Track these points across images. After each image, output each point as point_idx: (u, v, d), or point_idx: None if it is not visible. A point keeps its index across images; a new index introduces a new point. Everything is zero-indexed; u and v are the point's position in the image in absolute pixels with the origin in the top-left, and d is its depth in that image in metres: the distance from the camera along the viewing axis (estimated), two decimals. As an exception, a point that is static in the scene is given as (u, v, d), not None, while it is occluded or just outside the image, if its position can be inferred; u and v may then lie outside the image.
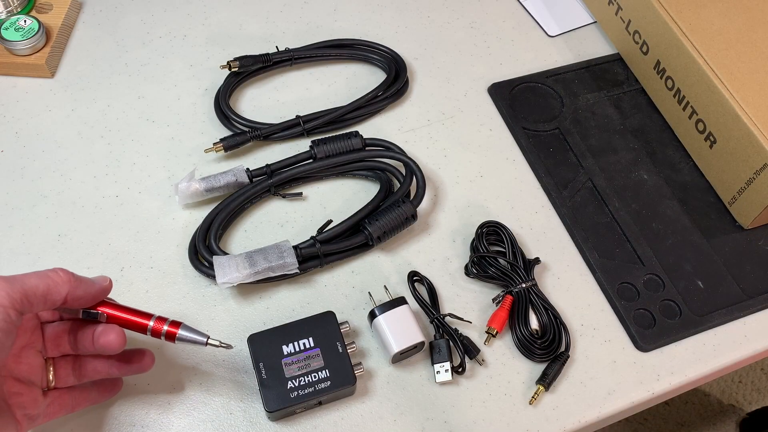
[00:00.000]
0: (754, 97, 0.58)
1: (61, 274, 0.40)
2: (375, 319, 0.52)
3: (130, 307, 0.45)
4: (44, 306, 0.39)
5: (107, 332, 0.42)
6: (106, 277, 0.44)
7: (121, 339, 0.43)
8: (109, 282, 0.43)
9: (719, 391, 1.31)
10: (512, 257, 0.56)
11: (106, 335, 0.42)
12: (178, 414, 0.49)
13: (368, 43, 0.69)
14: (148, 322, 0.44)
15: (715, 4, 0.64)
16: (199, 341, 0.45)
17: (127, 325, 0.44)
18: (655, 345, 0.54)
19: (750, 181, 0.58)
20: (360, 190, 0.61)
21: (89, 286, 0.42)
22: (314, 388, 0.48)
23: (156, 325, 0.44)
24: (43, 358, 0.44)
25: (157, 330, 0.44)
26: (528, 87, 0.69)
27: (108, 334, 0.42)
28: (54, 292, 0.39)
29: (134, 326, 0.44)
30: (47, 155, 0.61)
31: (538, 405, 0.51)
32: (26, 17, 0.65)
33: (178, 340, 0.45)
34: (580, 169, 0.63)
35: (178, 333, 0.45)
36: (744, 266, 0.59)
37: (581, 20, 0.75)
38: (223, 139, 0.61)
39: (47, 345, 0.44)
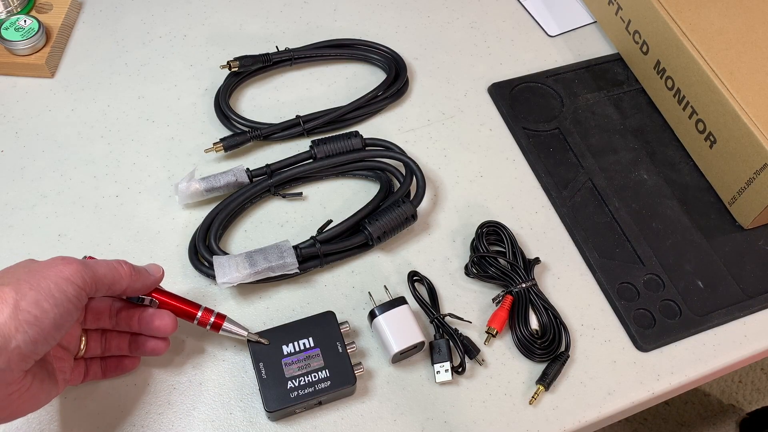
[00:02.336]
0: (754, 97, 0.58)
1: (125, 268, 0.44)
2: (375, 319, 0.52)
3: (177, 295, 0.48)
4: (106, 293, 0.43)
5: (163, 316, 0.46)
6: (159, 267, 0.47)
7: (174, 324, 0.47)
8: (161, 273, 0.47)
9: (719, 391, 1.31)
10: (512, 257, 0.56)
11: (161, 319, 0.46)
12: (178, 414, 0.49)
13: (368, 43, 0.69)
14: (197, 312, 0.48)
15: (715, 4, 0.64)
16: (241, 334, 0.49)
17: (175, 312, 0.48)
18: (655, 345, 0.54)
19: (750, 181, 0.58)
20: (360, 190, 0.61)
21: (146, 278, 0.46)
22: (314, 388, 0.48)
23: (204, 316, 0.48)
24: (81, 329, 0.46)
25: (204, 320, 0.48)
26: (528, 87, 0.69)
27: (164, 318, 0.46)
28: (117, 283, 0.43)
29: (182, 314, 0.48)
30: (47, 155, 0.61)
31: (538, 405, 0.51)
32: (26, 17, 0.65)
33: (222, 330, 0.48)
34: (580, 169, 0.63)
35: (223, 325, 0.48)
36: (744, 266, 0.59)
37: (581, 20, 0.75)
38: (223, 139, 0.61)
39: (87, 317, 0.47)
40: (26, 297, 0.37)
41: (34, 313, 0.37)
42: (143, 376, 0.51)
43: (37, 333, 0.37)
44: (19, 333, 0.36)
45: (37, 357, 0.38)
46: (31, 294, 0.38)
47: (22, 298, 0.37)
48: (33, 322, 0.37)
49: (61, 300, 0.39)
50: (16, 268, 0.41)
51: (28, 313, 0.37)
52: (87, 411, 0.49)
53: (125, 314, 0.47)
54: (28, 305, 0.37)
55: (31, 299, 0.37)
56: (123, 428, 0.48)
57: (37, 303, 0.38)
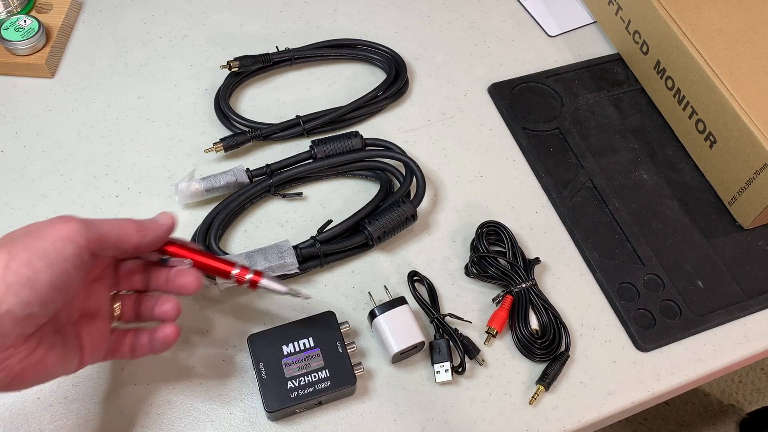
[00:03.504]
0: (754, 97, 0.58)
1: (132, 225, 0.42)
2: (375, 319, 0.52)
3: (214, 255, 0.47)
4: (115, 252, 0.41)
5: (185, 274, 0.45)
6: (169, 214, 0.45)
7: (198, 282, 0.45)
8: (172, 221, 0.44)
9: (719, 391, 1.31)
10: (512, 257, 0.56)
11: (184, 276, 0.44)
12: (178, 414, 0.49)
13: (368, 43, 0.69)
14: (232, 270, 0.46)
15: (715, 4, 0.64)
16: (280, 290, 0.47)
17: (211, 270, 0.46)
18: (655, 345, 0.54)
19: (750, 181, 0.58)
20: (360, 190, 0.61)
21: (155, 230, 0.43)
22: (314, 388, 0.48)
23: (240, 273, 0.46)
24: (110, 293, 0.45)
25: (240, 277, 0.46)
26: (528, 87, 0.69)
27: (185, 276, 0.44)
28: (124, 240, 0.41)
29: (217, 272, 0.46)
30: (47, 155, 0.61)
31: (538, 405, 0.51)
32: (26, 17, 0.65)
33: (259, 287, 0.47)
34: (580, 169, 0.63)
35: (260, 281, 0.47)
36: (744, 266, 0.59)
37: (581, 20, 0.75)
38: (223, 139, 0.61)
39: (120, 280, 0.46)
40: (17, 258, 0.36)
41: (26, 273, 0.36)
42: (143, 376, 0.51)
43: (30, 295, 0.36)
44: (10, 295, 0.35)
45: (38, 321, 0.37)
46: (22, 254, 0.36)
47: (13, 259, 0.36)
48: (25, 284, 0.36)
49: (57, 260, 0.37)
50: (16, 231, 0.39)
51: (18, 274, 0.36)
52: (86, 411, 0.49)
53: (155, 275, 0.46)
54: (19, 266, 0.36)
55: (22, 260, 0.36)
56: (123, 428, 0.48)
57: (29, 263, 0.36)
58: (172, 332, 0.44)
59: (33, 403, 0.49)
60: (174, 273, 0.45)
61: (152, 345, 0.45)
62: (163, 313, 0.45)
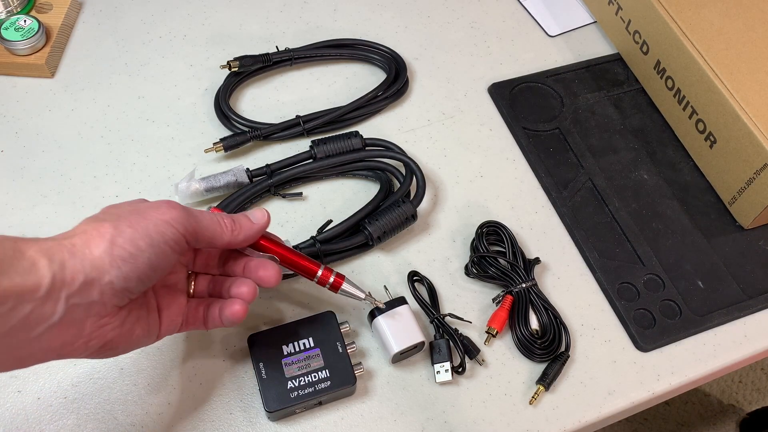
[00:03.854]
0: (754, 97, 0.58)
1: (227, 223, 0.44)
2: (375, 319, 0.52)
3: (299, 252, 0.49)
4: (206, 246, 0.43)
5: (268, 267, 0.46)
6: (264, 212, 0.46)
7: (278, 276, 0.46)
8: (266, 220, 0.46)
9: (719, 391, 1.31)
10: (512, 257, 0.56)
11: (266, 269, 0.46)
12: (178, 414, 0.49)
13: (368, 43, 0.69)
14: (318, 270, 0.48)
15: (715, 4, 0.64)
16: (359, 296, 0.49)
17: (297, 268, 0.48)
18: (655, 345, 0.54)
19: (750, 181, 0.58)
20: (360, 190, 0.61)
21: (247, 230, 0.45)
22: (314, 388, 0.48)
23: (324, 274, 0.48)
24: (188, 271, 0.47)
25: (324, 278, 0.48)
26: (528, 87, 0.69)
27: (267, 269, 0.46)
28: (217, 238, 0.43)
29: (302, 271, 0.48)
30: (47, 155, 0.61)
31: (538, 405, 0.51)
32: (26, 17, 0.65)
33: (341, 291, 0.49)
34: (580, 169, 0.63)
35: (342, 286, 0.49)
36: (744, 266, 0.59)
37: (581, 20, 0.75)
38: (223, 139, 0.61)
39: (197, 262, 0.47)
40: (123, 234, 0.38)
41: (130, 250, 0.38)
42: (143, 376, 0.51)
43: (130, 270, 0.38)
44: (113, 268, 0.37)
45: (132, 295, 0.39)
46: (128, 231, 0.38)
47: (119, 235, 0.38)
48: (127, 259, 0.38)
49: (158, 241, 0.39)
50: (122, 205, 0.41)
51: (123, 249, 0.38)
52: (86, 411, 0.49)
53: (232, 261, 0.47)
54: (125, 242, 0.38)
55: (128, 236, 0.38)
56: (123, 428, 0.48)
57: (133, 241, 0.38)
58: (240, 310, 0.45)
59: (33, 403, 0.49)
60: (255, 264, 0.46)
61: (222, 319, 0.46)
62: (240, 294, 0.46)
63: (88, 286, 0.36)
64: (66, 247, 0.37)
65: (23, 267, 0.34)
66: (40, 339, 0.36)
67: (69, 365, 0.51)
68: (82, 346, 0.38)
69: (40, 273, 0.35)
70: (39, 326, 0.35)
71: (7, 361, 0.36)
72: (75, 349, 0.38)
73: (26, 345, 0.36)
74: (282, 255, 0.47)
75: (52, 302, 0.35)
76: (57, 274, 0.35)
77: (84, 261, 0.36)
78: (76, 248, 0.37)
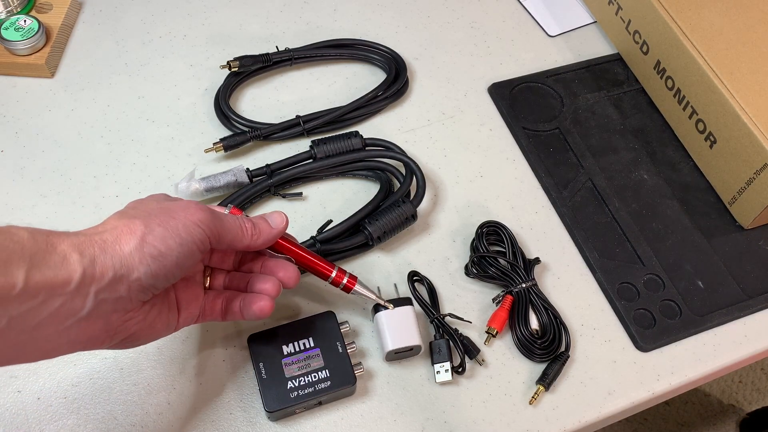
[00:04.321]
0: (754, 97, 0.58)
1: (248, 227, 0.44)
2: (377, 314, 0.52)
3: (313, 252, 0.50)
4: (226, 248, 0.44)
5: (288, 268, 0.47)
6: (283, 216, 0.47)
7: (297, 278, 0.48)
8: (284, 224, 0.47)
9: (719, 391, 1.31)
10: (512, 257, 0.56)
11: (286, 270, 0.47)
12: (178, 414, 0.49)
13: (368, 43, 0.69)
14: (331, 272, 0.49)
15: (715, 4, 0.64)
16: (370, 297, 0.51)
17: (311, 270, 0.49)
18: (655, 345, 0.54)
19: (750, 181, 0.58)
20: (360, 190, 0.61)
21: (267, 234, 0.46)
22: (314, 388, 0.48)
23: (338, 276, 0.49)
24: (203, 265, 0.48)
25: (338, 280, 0.49)
26: (528, 87, 0.69)
27: (287, 270, 0.47)
28: (238, 241, 0.44)
29: (316, 272, 0.49)
30: (47, 155, 0.61)
31: (538, 405, 0.51)
32: (26, 17, 0.65)
33: (352, 292, 0.50)
34: (580, 169, 0.63)
35: (354, 287, 0.50)
36: (744, 266, 0.59)
37: (581, 20, 0.75)
38: (223, 139, 0.61)
39: (213, 258, 0.48)
40: (154, 232, 0.39)
41: (160, 248, 0.38)
42: (143, 376, 0.51)
43: (159, 268, 0.39)
44: (142, 265, 0.38)
45: (156, 291, 0.40)
46: (159, 230, 0.39)
47: (150, 233, 0.38)
48: (157, 257, 0.38)
49: (187, 241, 0.40)
50: (149, 201, 0.42)
51: (153, 247, 0.38)
52: (86, 411, 0.49)
53: (251, 256, 0.48)
54: (155, 240, 0.38)
55: (159, 235, 0.39)
56: (123, 428, 0.48)
57: (163, 239, 0.39)
58: (267, 306, 0.46)
59: (33, 403, 0.49)
60: (274, 265, 0.47)
61: (244, 313, 0.46)
62: (264, 289, 0.46)
63: (117, 281, 0.37)
64: (97, 242, 0.37)
65: (55, 261, 0.35)
66: (67, 332, 0.36)
67: (69, 365, 0.51)
68: (107, 339, 0.39)
69: (71, 267, 0.35)
70: (68, 320, 0.36)
71: (34, 353, 0.37)
72: (100, 341, 0.39)
73: (54, 338, 0.36)
74: (298, 256, 0.49)
75: (81, 297, 0.36)
76: (87, 269, 0.36)
77: (114, 257, 0.37)
78: (106, 244, 0.37)
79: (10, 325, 0.33)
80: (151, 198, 0.43)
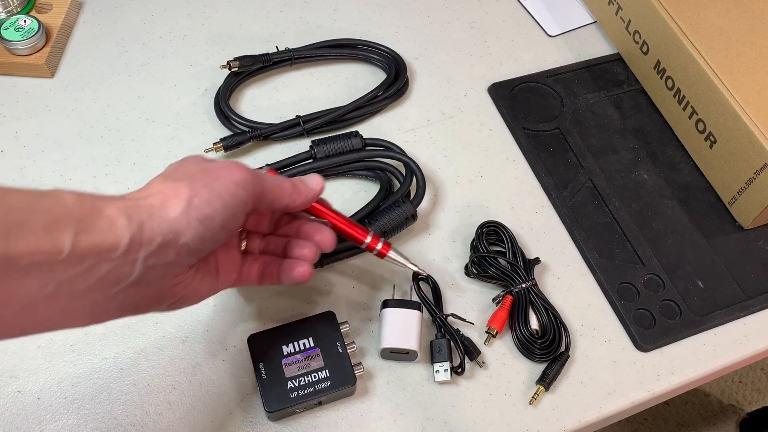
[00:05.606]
0: (754, 97, 0.58)
1: (288, 187, 0.44)
2: (384, 309, 0.52)
3: (349, 218, 0.49)
4: (266, 208, 0.44)
5: (324, 232, 0.47)
6: (320, 179, 0.47)
7: (334, 241, 0.47)
8: (321, 186, 0.47)
9: (719, 391, 1.31)
10: (512, 257, 0.56)
11: (322, 234, 0.47)
12: (178, 414, 0.49)
13: (368, 43, 0.69)
14: (366, 237, 0.49)
15: (715, 4, 0.64)
16: (404, 264, 0.51)
17: (346, 234, 0.49)
18: (655, 345, 0.54)
19: (750, 181, 0.58)
20: (360, 190, 0.61)
21: (306, 195, 0.45)
22: (314, 388, 0.48)
23: (373, 241, 0.49)
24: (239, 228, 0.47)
25: (372, 246, 0.49)
26: (528, 87, 0.69)
27: (324, 234, 0.47)
28: (278, 201, 0.44)
29: (351, 236, 0.49)
30: (47, 155, 0.61)
31: (538, 405, 0.51)
32: (26, 17, 0.65)
33: (387, 258, 0.50)
34: (580, 169, 0.63)
35: (388, 253, 0.50)
36: (744, 266, 0.59)
37: (581, 20, 0.75)
38: (223, 139, 0.61)
39: (249, 220, 0.47)
40: (199, 194, 0.38)
41: (206, 211, 0.38)
42: (143, 376, 0.51)
43: (205, 231, 0.38)
44: (189, 229, 0.37)
45: (202, 255, 0.40)
46: (204, 192, 0.38)
47: (196, 195, 0.38)
48: (203, 220, 0.38)
49: (231, 203, 0.39)
50: (187, 163, 0.42)
51: (200, 210, 0.38)
52: (86, 411, 0.49)
53: (287, 220, 0.48)
54: (201, 203, 0.38)
55: (204, 197, 0.38)
56: (123, 428, 0.48)
57: (209, 202, 0.38)
58: (306, 272, 0.46)
59: (33, 403, 0.49)
60: (310, 228, 0.47)
61: (282, 278, 0.47)
62: (303, 255, 0.47)
63: (165, 247, 0.37)
64: (143, 207, 0.37)
65: (102, 226, 0.34)
66: (116, 297, 0.36)
67: (69, 365, 0.51)
68: (155, 304, 0.39)
69: (118, 232, 0.35)
70: (117, 285, 0.36)
71: (83, 318, 0.36)
72: (148, 306, 0.39)
73: (103, 303, 0.36)
74: (333, 220, 0.49)
75: (129, 263, 0.35)
76: (135, 235, 0.35)
77: (162, 222, 0.37)
78: (153, 209, 0.37)
79: (58, 290, 0.33)
80: (190, 160, 0.42)
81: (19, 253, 0.31)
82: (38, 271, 0.32)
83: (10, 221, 0.31)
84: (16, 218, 0.31)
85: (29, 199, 0.33)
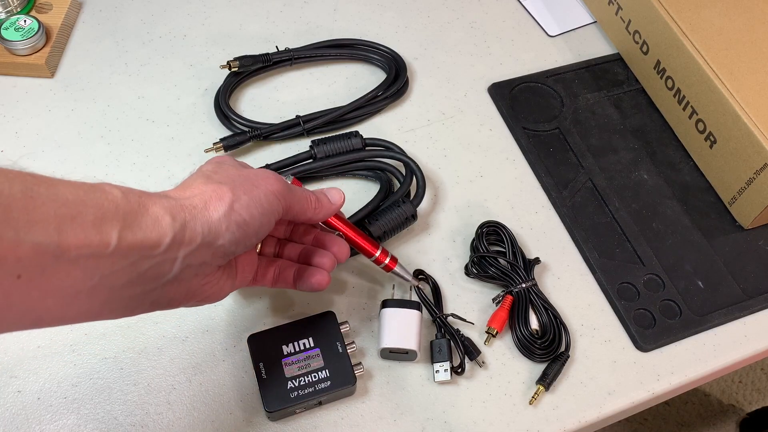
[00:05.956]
0: (754, 97, 0.58)
1: (313, 201, 0.46)
2: (383, 309, 0.52)
3: (359, 230, 0.52)
4: (290, 219, 0.46)
5: (340, 244, 0.50)
6: (341, 193, 0.49)
7: (347, 254, 0.50)
8: (342, 201, 0.49)
9: (719, 391, 1.31)
10: (512, 257, 0.56)
11: (339, 246, 0.49)
12: (178, 414, 0.49)
13: (368, 43, 0.69)
14: (376, 251, 0.52)
15: (715, 4, 0.64)
16: (407, 278, 0.53)
17: (357, 246, 0.51)
18: (655, 345, 0.54)
19: (750, 181, 0.58)
20: (360, 190, 0.61)
21: (327, 209, 0.48)
22: (314, 388, 0.48)
23: (381, 256, 0.52)
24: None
25: (380, 260, 0.52)
26: (528, 87, 0.69)
27: (340, 246, 0.49)
28: (302, 214, 0.45)
29: (361, 249, 0.52)
30: (47, 155, 0.61)
31: (538, 405, 0.51)
32: (26, 17, 0.65)
33: (392, 272, 0.53)
34: (580, 169, 0.63)
35: (394, 268, 0.52)
36: (744, 266, 0.59)
37: (581, 20, 0.75)
38: (223, 139, 0.61)
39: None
40: (240, 200, 0.40)
41: (245, 216, 0.39)
42: (143, 376, 0.51)
43: (241, 236, 0.40)
44: (228, 232, 0.39)
45: (232, 257, 0.42)
46: (245, 198, 0.40)
47: (237, 200, 0.39)
48: (241, 224, 0.39)
49: (267, 210, 0.41)
50: (226, 167, 0.43)
51: (239, 215, 0.39)
52: (86, 411, 0.49)
53: (304, 228, 0.50)
54: (241, 208, 0.39)
55: (245, 203, 0.40)
56: (123, 428, 0.48)
57: (248, 208, 0.40)
58: (325, 280, 0.48)
59: (33, 403, 0.49)
60: (327, 239, 0.50)
61: (299, 283, 0.49)
62: (322, 264, 0.49)
63: (204, 247, 0.38)
64: (187, 207, 0.37)
65: (147, 223, 0.35)
66: (153, 293, 0.37)
67: (69, 365, 0.51)
68: (184, 300, 0.40)
69: (162, 230, 0.35)
70: (155, 282, 0.37)
71: (118, 311, 0.37)
72: (177, 302, 0.40)
73: (140, 297, 0.37)
74: (347, 232, 0.51)
75: (170, 261, 0.36)
76: (178, 234, 0.36)
77: (203, 224, 0.38)
78: (196, 210, 0.38)
79: (101, 283, 0.34)
80: (226, 161, 0.44)
81: (70, 245, 0.31)
82: (85, 264, 0.32)
83: (62, 214, 0.32)
84: (69, 211, 0.32)
85: (80, 193, 0.33)
